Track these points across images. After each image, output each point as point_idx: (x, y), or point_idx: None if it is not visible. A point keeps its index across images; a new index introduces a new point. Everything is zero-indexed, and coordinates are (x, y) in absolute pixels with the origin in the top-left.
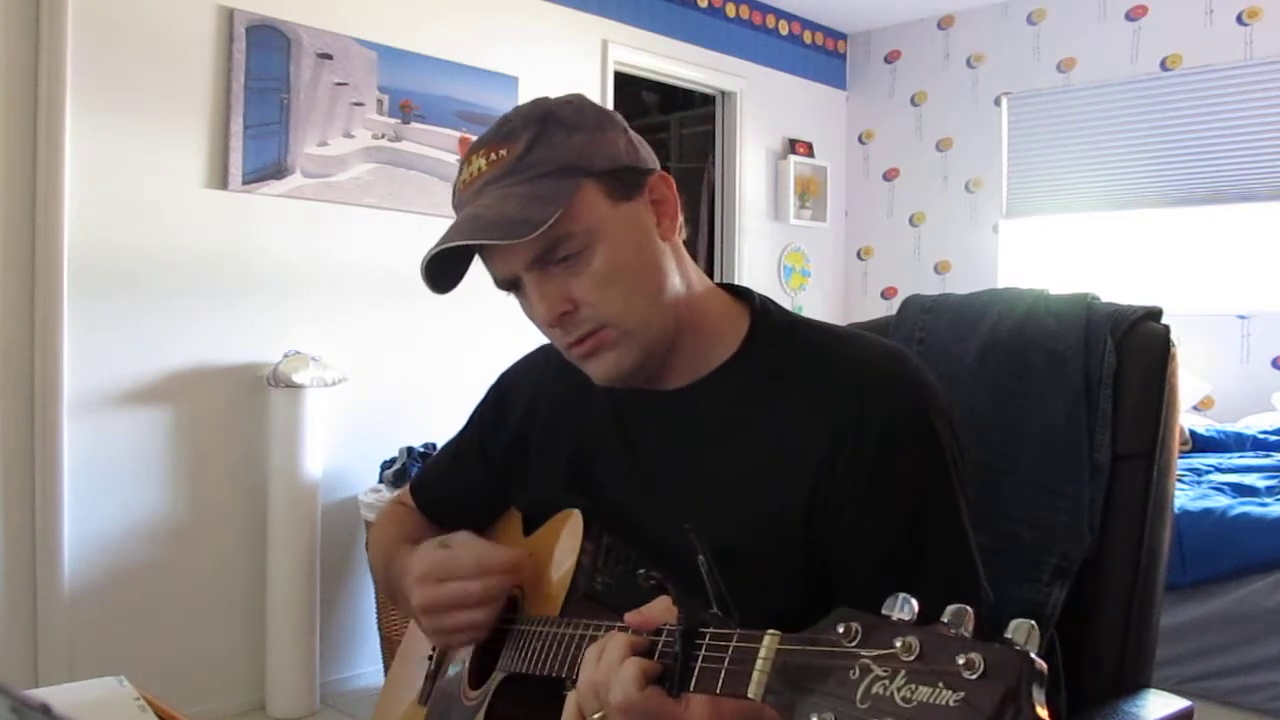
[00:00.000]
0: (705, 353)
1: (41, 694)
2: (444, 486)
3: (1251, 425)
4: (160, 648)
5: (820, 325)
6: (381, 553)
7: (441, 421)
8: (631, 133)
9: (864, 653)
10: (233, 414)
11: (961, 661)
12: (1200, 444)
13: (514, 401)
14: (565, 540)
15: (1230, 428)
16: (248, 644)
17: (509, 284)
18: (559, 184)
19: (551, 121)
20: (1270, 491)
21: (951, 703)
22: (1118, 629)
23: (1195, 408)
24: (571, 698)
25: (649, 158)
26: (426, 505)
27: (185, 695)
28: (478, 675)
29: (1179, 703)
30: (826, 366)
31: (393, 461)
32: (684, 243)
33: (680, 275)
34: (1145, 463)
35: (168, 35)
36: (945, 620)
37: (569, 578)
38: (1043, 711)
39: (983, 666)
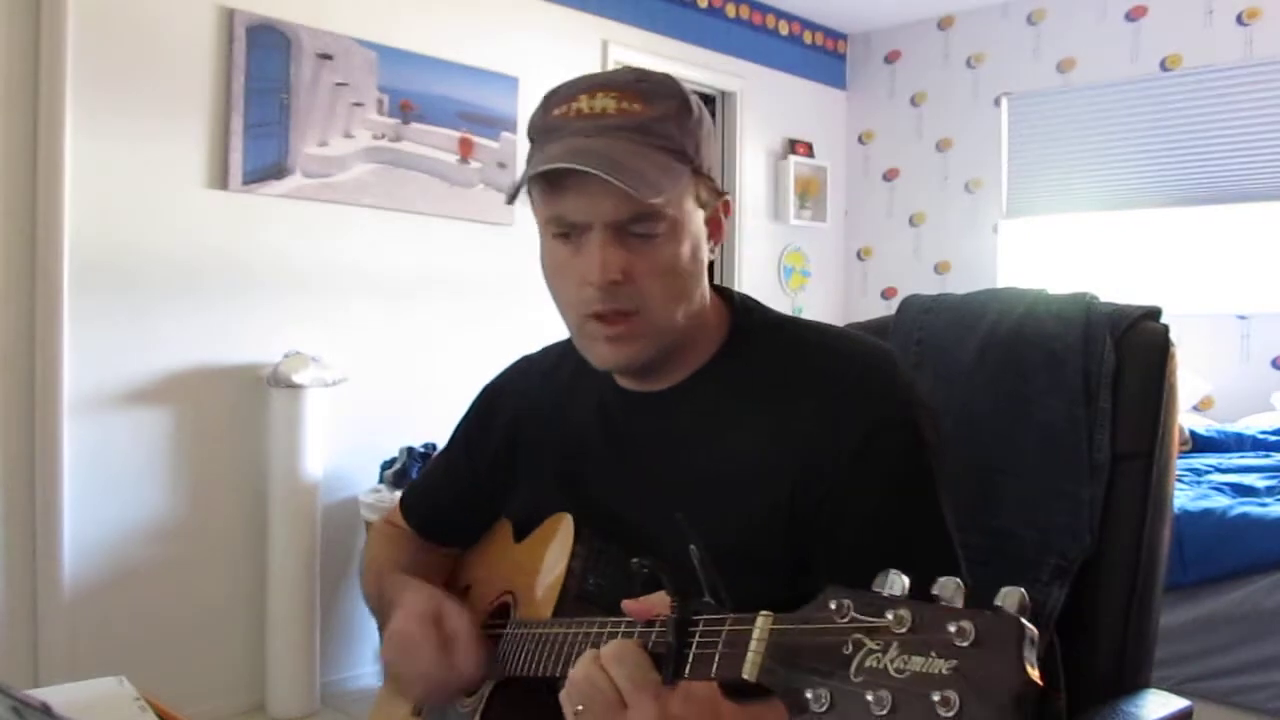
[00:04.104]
0: (690, 354)
1: (41, 694)
2: (432, 503)
3: (1251, 425)
4: (160, 648)
5: (801, 323)
6: (374, 577)
7: (441, 421)
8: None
9: (856, 627)
10: (233, 414)
11: (953, 630)
12: (1200, 444)
13: (500, 412)
14: (556, 544)
15: (1230, 428)
16: (248, 644)
17: (570, 227)
18: (677, 165)
19: (688, 105)
20: (1270, 491)
21: (944, 671)
22: (1117, 629)
23: (1195, 408)
24: (563, 694)
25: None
26: (416, 523)
27: (185, 695)
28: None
29: (1178, 702)
30: (808, 364)
31: (393, 461)
32: None
33: (703, 289)
34: (1145, 462)
35: (168, 35)
36: (935, 592)
37: (560, 581)
38: (1035, 674)
39: (974, 634)
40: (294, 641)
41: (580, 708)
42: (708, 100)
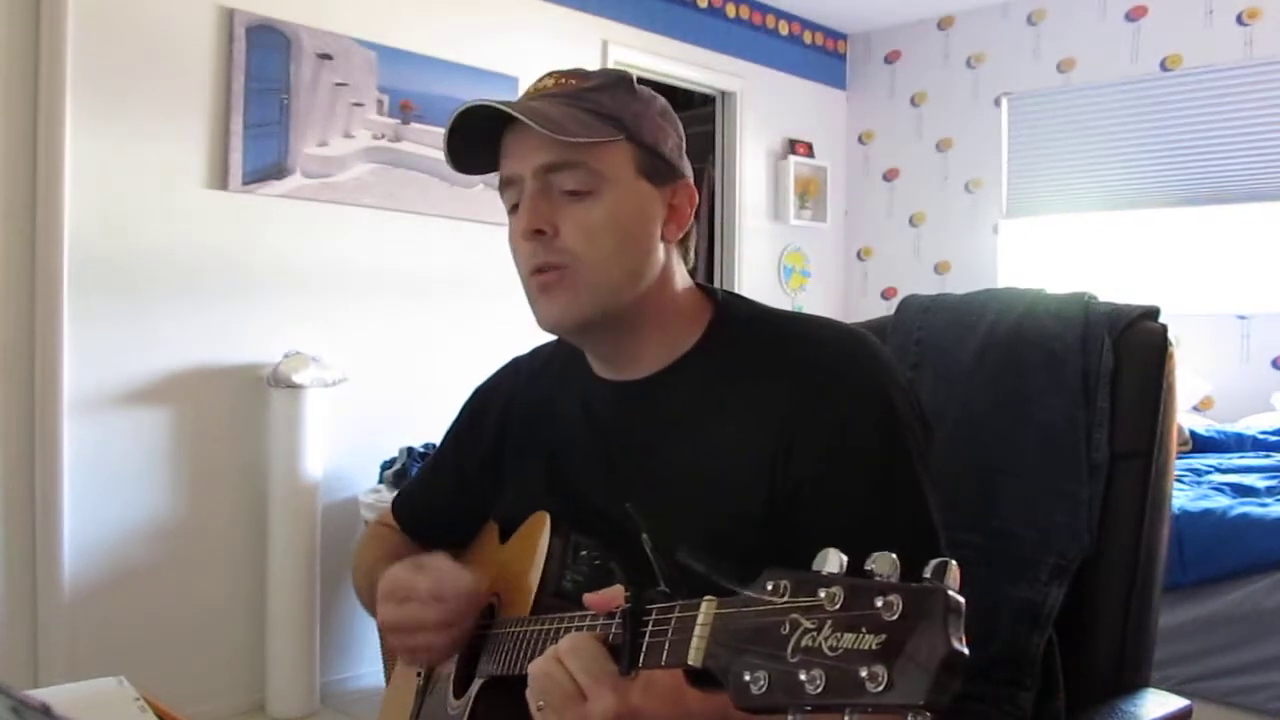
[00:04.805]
0: (670, 344)
1: (41, 694)
2: (424, 504)
3: (1251, 425)
4: (160, 648)
5: (781, 313)
6: (364, 572)
7: (441, 421)
8: (682, 144)
9: (793, 607)
10: (233, 414)
11: (880, 604)
12: (1200, 444)
13: (489, 413)
14: (534, 544)
15: (1230, 428)
16: (248, 644)
17: (512, 187)
18: (604, 126)
19: (627, 83)
20: (1270, 491)
21: (874, 646)
22: (1116, 628)
23: (1195, 408)
24: (527, 691)
25: (686, 169)
26: (408, 524)
27: (185, 695)
28: (462, 684)
29: (1177, 702)
30: (784, 352)
31: (393, 461)
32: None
33: (663, 271)
34: (1143, 462)
35: (168, 35)
36: (869, 566)
37: (538, 579)
38: (960, 645)
39: (901, 606)
40: (294, 641)
41: (542, 703)
42: (707, 100)
